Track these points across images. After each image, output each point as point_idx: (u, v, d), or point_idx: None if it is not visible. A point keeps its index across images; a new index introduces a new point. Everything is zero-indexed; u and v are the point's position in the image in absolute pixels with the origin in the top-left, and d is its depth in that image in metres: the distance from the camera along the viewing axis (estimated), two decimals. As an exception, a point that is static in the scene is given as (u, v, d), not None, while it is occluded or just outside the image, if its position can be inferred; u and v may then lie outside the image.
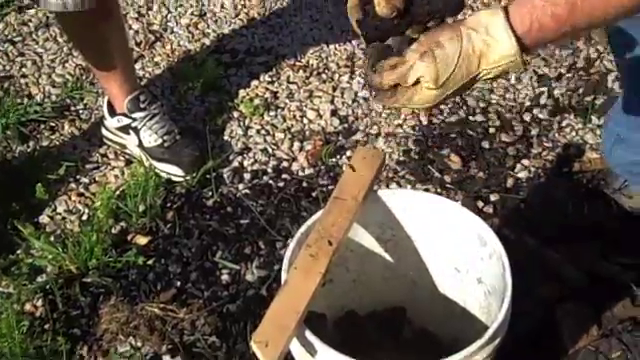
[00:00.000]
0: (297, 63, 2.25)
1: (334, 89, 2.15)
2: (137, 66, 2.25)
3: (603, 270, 1.54)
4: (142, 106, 1.91)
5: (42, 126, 2.09)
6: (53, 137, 2.06)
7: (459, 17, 0.97)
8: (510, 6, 0.91)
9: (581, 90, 2.09)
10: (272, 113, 2.10)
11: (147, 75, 2.24)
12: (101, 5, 1.64)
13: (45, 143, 2.04)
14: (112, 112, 1.94)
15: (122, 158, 1.99)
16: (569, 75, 2.14)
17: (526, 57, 0.93)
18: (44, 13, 2.44)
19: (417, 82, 0.93)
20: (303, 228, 1.19)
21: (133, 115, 1.90)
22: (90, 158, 2.00)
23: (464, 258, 1.27)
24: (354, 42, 2.30)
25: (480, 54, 0.91)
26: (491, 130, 2.00)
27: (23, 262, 1.72)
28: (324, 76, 2.20)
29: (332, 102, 2.12)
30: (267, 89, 2.17)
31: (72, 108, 2.15)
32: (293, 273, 1.06)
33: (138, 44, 2.35)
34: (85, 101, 2.16)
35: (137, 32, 2.39)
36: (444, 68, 0.91)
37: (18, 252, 1.74)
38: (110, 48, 1.81)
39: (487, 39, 0.90)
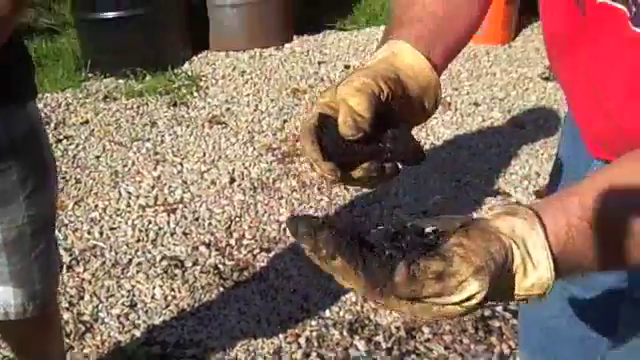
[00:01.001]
0: (225, 356, 2.32)
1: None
2: (67, 358, 2.27)
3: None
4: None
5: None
6: None
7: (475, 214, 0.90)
8: (542, 213, 0.76)
9: (497, 387, 2.21)
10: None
11: (76, 367, 2.26)
12: (45, 312, 1.71)
13: None
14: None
15: None
16: (485, 372, 2.27)
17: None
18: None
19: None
20: None
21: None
22: None
23: None
24: (281, 336, 2.40)
25: (514, 275, 0.74)
26: None
27: None
28: (252, 371, 2.27)
29: (261, 398, 2.17)
30: (196, 383, 2.22)
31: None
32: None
33: (68, 335, 2.38)
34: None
35: (67, 322, 2.43)
36: (493, 288, 0.73)
37: None
38: (47, 353, 1.85)
39: (526, 259, 0.74)
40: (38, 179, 1.55)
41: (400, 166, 0.91)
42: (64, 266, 2.70)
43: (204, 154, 3.55)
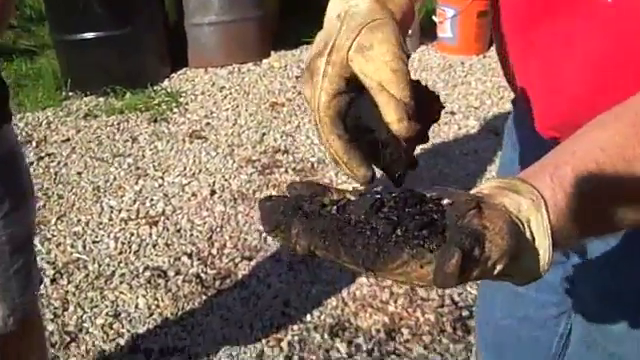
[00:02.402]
0: (209, 362, 2.36)
1: (246, 387, 2.25)
2: (51, 367, 2.31)
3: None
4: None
5: None
6: None
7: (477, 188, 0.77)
8: (540, 188, 0.73)
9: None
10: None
11: (61, 376, 2.29)
12: (26, 326, 1.74)
13: None
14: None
15: None
16: (463, 369, 2.32)
17: None
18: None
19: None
20: None
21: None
22: None
23: None
24: (263, 341, 2.44)
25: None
26: None
27: None
28: (236, 375, 2.31)
29: (244, 400, 2.21)
30: (180, 388, 2.25)
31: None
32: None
33: (53, 345, 2.41)
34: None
35: (52, 333, 2.46)
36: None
37: None
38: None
39: (528, 242, 0.71)
40: (15, 200, 1.58)
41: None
42: (48, 279, 2.74)
43: (185, 168, 3.59)
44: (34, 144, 3.83)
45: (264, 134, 3.94)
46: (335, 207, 0.69)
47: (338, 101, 0.77)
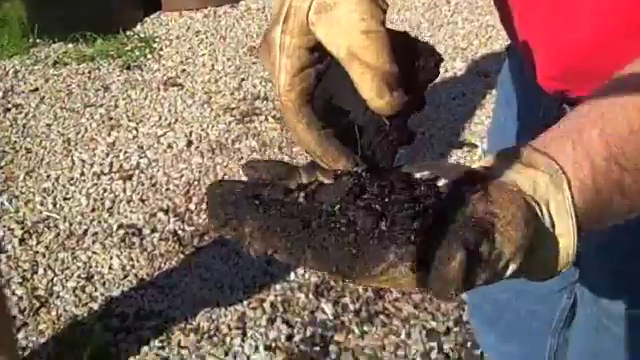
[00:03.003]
0: (188, 326, 2.23)
1: (226, 354, 2.13)
2: (20, 335, 2.17)
3: None
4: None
5: None
6: None
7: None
8: (561, 159, 0.59)
9: (469, 344, 2.15)
10: (164, 381, 2.05)
11: (30, 345, 2.16)
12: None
13: None
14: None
15: None
16: (457, 329, 2.21)
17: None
18: None
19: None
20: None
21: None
22: None
23: None
24: (245, 302, 2.32)
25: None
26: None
27: None
28: (215, 339, 2.18)
29: (225, 367, 2.09)
30: (157, 355, 2.13)
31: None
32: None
33: (22, 311, 2.28)
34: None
35: (21, 298, 2.33)
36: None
37: None
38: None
39: (544, 226, 0.57)
40: None
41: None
42: (17, 240, 2.59)
43: (160, 117, 3.42)
44: (0, 95, 3.63)
45: (242, 80, 3.76)
46: (303, 194, 0.55)
47: (302, 79, 0.60)
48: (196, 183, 2.92)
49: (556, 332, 1.31)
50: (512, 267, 0.54)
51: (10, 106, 3.54)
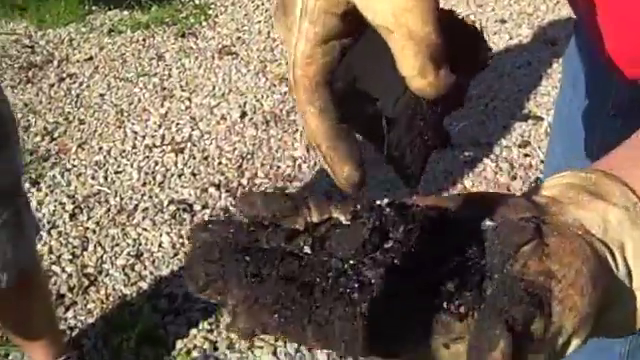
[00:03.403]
0: (238, 307, 2.17)
1: (276, 339, 2.06)
2: (69, 314, 2.14)
3: None
4: (69, 371, 1.78)
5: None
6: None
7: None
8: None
9: None
10: (211, 366, 2.00)
11: (79, 325, 2.12)
12: (23, 281, 1.55)
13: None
14: (37, 377, 1.81)
15: None
16: None
17: None
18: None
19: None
20: None
21: (59, 381, 1.77)
22: None
23: None
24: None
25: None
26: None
27: None
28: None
29: (274, 353, 2.02)
30: (206, 338, 2.07)
31: (-5, 365, 2.01)
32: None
33: (71, 289, 2.25)
34: (11, 357, 2.02)
35: (70, 276, 2.30)
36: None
37: None
38: (34, 319, 1.71)
39: (618, 280, 0.44)
40: None
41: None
42: (67, 215, 2.56)
43: (213, 87, 3.35)
44: (55, 64, 3.60)
45: (299, 48, 3.65)
46: (310, 241, 0.43)
47: (325, 52, 0.48)
48: (249, 157, 2.84)
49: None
50: (576, 343, 0.42)
51: (65, 75, 3.51)
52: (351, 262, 0.41)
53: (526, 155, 2.79)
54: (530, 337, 0.39)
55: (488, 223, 0.44)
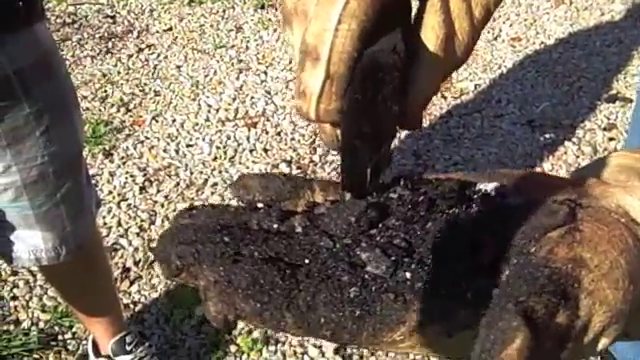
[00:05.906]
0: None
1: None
2: (133, 289, 2.14)
3: None
4: (128, 348, 1.77)
5: (25, 359, 1.95)
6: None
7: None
8: None
9: None
10: (271, 348, 1.96)
11: (142, 299, 2.12)
12: (81, 255, 1.53)
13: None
14: (97, 352, 1.81)
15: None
16: None
17: None
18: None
19: None
20: None
21: (117, 358, 1.76)
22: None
23: None
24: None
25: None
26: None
27: None
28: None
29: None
30: (268, 319, 2.04)
31: (60, 337, 2.01)
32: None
33: (136, 263, 2.25)
34: (74, 329, 2.03)
35: (137, 249, 2.29)
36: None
37: None
38: (93, 294, 1.70)
39: None
40: (56, 113, 1.34)
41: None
42: (138, 187, 2.55)
43: (290, 61, 3.29)
44: (135, 34, 3.61)
45: (379, 21, 3.55)
46: (304, 220, 0.37)
47: (363, 39, 0.37)
48: (322, 133, 2.78)
49: None
50: (603, 343, 0.36)
51: (144, 46, 3.51)
52: (345, 242, 0.35)
53: (611, 139, 2.64)
54: (552, 332, 0.33)
55: (517, 201, 0.38)
